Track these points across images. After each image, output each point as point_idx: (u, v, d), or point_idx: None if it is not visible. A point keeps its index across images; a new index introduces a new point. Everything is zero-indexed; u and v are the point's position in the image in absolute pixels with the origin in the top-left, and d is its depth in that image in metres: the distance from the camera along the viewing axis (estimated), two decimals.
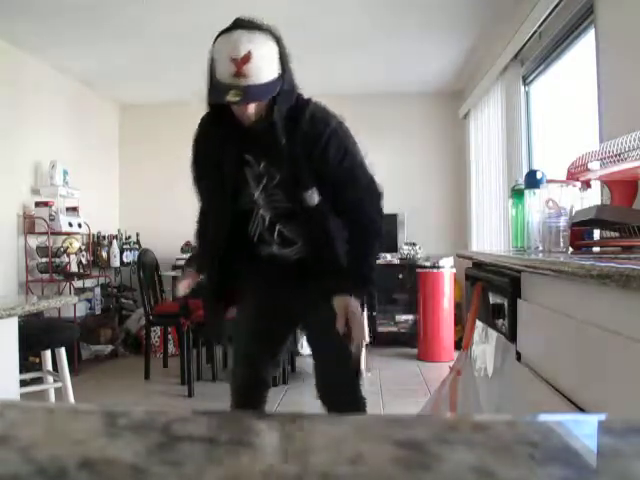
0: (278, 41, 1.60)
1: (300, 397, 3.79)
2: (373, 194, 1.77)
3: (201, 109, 1.73)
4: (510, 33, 3.79)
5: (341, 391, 1.85)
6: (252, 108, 1.58)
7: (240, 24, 1.55)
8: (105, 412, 0.39)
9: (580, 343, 1.10)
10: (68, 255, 4.74)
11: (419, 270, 5.06)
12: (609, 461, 0.31)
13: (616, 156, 1.73)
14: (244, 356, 1.95)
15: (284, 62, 1.60)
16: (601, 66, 2.62)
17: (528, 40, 3.54)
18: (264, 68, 1.53)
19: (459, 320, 5.21)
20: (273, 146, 1.66)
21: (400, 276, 5.47)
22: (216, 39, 1.57)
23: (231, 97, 1.51)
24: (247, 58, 1.50)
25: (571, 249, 1.71)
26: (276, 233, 1.78)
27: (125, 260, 5.55)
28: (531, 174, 1.95)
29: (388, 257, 5.38)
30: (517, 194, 2.04)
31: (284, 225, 1.77)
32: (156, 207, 6.09)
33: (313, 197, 1.69)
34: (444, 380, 1.96)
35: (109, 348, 5.08)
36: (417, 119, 5.89)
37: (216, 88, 1.56)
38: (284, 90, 1.61)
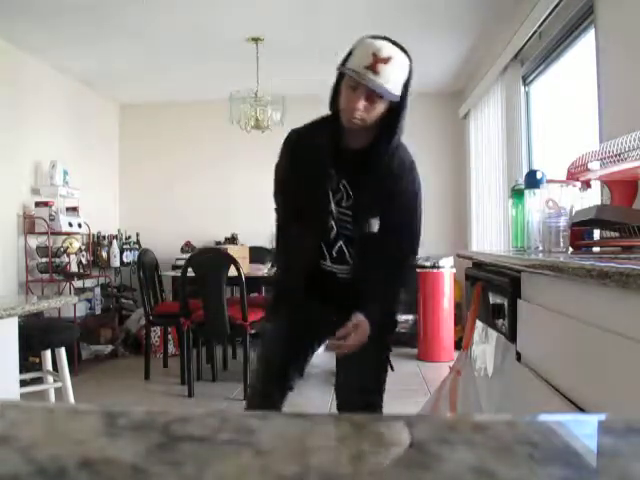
0: (410, 72, 1.67)
1: (300, 397, 3.78)
2: (413, 252, 1.84)
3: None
4: (510, 33, 3.79)
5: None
6: (362, 104, 1.62)
7: (389, 39, 1.65)
8: (105, 412, 0.39)
9: (580, 343, 1.10)
10: (68, 255, 4.74)
11: (419, 270, 5.05)
12: (609, 461, 0.31)
13: (616, 156, 1.73)
14: (272, 359, 1.91)
15: (406, 92, 1.67)
16: (601, 66, 2.62)
17: (528, 40, 3.54)
18: (393, 79, 1.61)
19: (459, 320, 5.20)
20: (360, 169, 1.74)
21: None
22: (359, 40, 1.66)
23: (355, 76, 1.59)
24: (387, 60, 1.59)
25: (571, 249, 1.70)
26: (335, 249, 1.82)
27: (125, 260, 5.56)
28: (531, 174, 1.95)
29: None
30: (517, 194, 2.04)
31: (345, 243, 1.81)
32: (156, 207, 6.10)
33: (376, 225, 1.77)
34: (444, 380, 1.96)
35: (109, 348, 5.08)
36: (417, 119, 5.82)
37: (345, 71, 1.63)
38: (394, 115, 1.68)
